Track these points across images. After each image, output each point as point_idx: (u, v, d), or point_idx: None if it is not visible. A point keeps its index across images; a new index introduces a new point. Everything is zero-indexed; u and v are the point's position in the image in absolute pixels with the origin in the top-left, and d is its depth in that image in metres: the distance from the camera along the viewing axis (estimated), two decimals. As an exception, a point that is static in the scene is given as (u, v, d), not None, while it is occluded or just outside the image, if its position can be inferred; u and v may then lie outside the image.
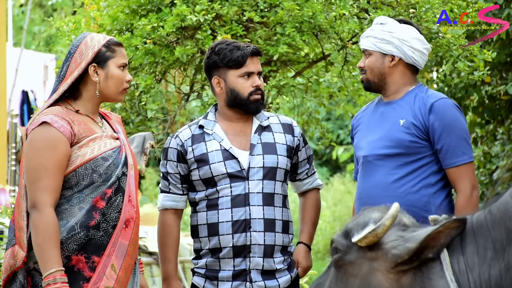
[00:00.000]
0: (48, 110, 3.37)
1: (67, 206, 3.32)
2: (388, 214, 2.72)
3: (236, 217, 3.65)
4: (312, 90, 5.58)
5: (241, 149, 3.72)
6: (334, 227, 11.73)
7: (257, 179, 3.68)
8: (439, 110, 3.72)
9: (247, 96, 3.71)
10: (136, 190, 3.48)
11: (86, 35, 3.47)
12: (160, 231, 3.79)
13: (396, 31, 3.80)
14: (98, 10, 5.43)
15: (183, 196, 3.78)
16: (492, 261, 2.69)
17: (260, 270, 3.66)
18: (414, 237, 2.71)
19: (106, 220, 3.35)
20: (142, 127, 5.62)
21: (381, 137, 3.79)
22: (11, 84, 9.82)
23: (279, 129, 3.81)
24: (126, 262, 3.37)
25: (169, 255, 3.76)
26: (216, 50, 3.72)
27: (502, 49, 6.50)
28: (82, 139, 3.36)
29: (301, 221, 3.92)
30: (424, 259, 2.70)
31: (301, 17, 4.87)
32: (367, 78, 3.86)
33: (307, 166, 3.90)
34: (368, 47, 3.83)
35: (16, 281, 3.34)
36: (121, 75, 3.45)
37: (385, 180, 3.74)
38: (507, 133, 7.66)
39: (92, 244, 3.32)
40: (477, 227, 2.73)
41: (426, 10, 4.89)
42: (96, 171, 3.35)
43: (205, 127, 3.76)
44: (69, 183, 3.34)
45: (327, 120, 16.20)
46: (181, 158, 3.74)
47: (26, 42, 13.80)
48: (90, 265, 3.31)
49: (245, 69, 3.71)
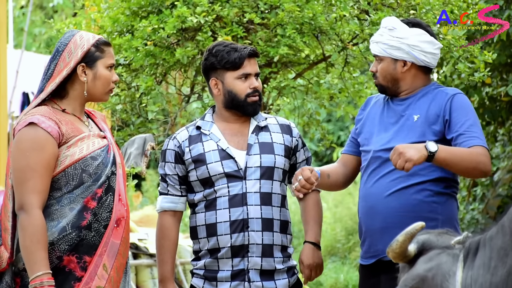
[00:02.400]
0: (35, 110, 3.33)
1: (58, 207, 3.30)
2: (403, 231, 2.80)
3: (234, 217, 3.65)
4: (313, 91, 5.58)
5: (238, 149, 3.72)
6: (334, 228, 11.72)
7: (254, 178, 3.68)
8: (459, 102, 3.69)
9: (244, 97, 3.71)
10: (125, 188, 3.46)
11: (74, 33, 3.42)
12: (158, 233, 3.79)
13: (405, 36, 3.76)
14: (98, 11, 5.44)
15: (182, 197, 3.78)
16: (495, 269, 2.68)
17: (258, 270, 3.66)
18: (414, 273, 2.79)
19: (98, 220, 3.32)
20: (143, 128, 5.62)
21: (394, 133, 3.77)
22: (12, 86, 9.81)
23: (277, 129, 3.80)
24: (118, 261, 3.35)
25: (166, 257, 3.76)
26: (214, 52, 3.73)
27: (503, 50, 6.50)
28: (70, 139, 3.33)
29: (304, 222, 3.89)
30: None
31: (301, 18, 4.87)
32: (380, 83, 3.83)
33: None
34: (379, 52, 3.80)
35: (3, 282, 3.30)
36: (109, 75, 3.42)
37: (390, 178, 3.73)
38: (507, 135, 7.66)
39: (84, 244, 3.30)
40: (488, 240, 2.74)
41: (426, 12, 4.89)
42: (86, 171, 3.32)
43: (202, 128, 3.76)
44: (58, 183, 3.31)
45: (327, 121, 16.19)
46: (178, 159, 3.74)
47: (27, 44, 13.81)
48: (81, 265, 3.29)
49: (242, 70, 3.70)
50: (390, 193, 3.71)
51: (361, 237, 3.87)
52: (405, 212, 3.68)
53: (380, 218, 3.72)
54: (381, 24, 3.86)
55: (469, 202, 7.99)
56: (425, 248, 2.86)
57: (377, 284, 3.77)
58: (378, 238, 3.72)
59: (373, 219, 3.75)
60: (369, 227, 3.79)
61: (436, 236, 2.90)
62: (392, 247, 2.82)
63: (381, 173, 3.76)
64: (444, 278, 2.74)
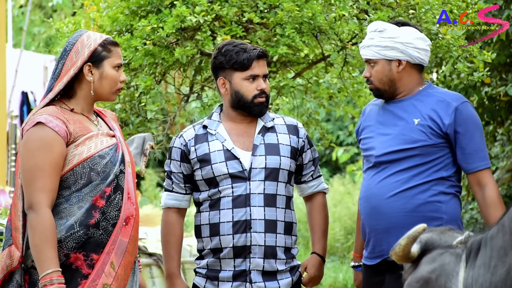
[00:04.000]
0: (43, 110, 3.35)
1: (66, 206, 3.32)
2: (406, 234, 2.80)
3: (237, 218, 3.66)
4: (312, 91, 5.58)
5: (244, 149, 3.72)
6: (334, 228, 11.71)
7: (259, 179, 3.68)
8: (464, 115, 3.71)
9: (251, 99, 3.71)
10: (135, 187, 3.48)
11: (82, 32, 3.44)
12: (164, 229, 3.81)
13: (398, 35, 3.77)
14: (97, 11, 5.43)
15: (186, 195, 3.79)
16: (495, 268, 2.69)
17: (260, 271, 3.67)
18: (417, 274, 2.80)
19: (106, 218, 3.34)
20: (142, 128, 5.62)
21: (394, 136, 3.77)
22: (11, 85, 9.80)
23: (284, 130, 3.80)
24: (126, 259, 3.37)
25: (172, 253, 3.78)
26: (223, 51, 3.73)
27: (502, 50, 6.49)
28: (78, 138, 3.35)
29: (311, 230, 3.92)
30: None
31: (300, 18, 4.87)
32: (376, 87, 3.82)
33: (312, 168, 3.89)
34: (372, 56, 3.79)
35: (13, 280, 3.34)
36: (116, 75, 3.43)
37: (394, 179, 3.73)
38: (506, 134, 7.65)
39: (92, 242, 3.32)
40: (489, 239, 2.74)
41: (425, 11, 4.89)
42: (94, 170, 3.34)
43: (208, 127, 3.77)
44: (67, 182, 3.33)
45: (327, 121, 16.18)
46: (184, 158, 3.75)
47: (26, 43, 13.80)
48: (88, 262, 3.31)
49: (250, 72, 3.70)
50: (393, 193, 3.72)
51: (365, 237, 3.88)
52: (409, 212, 3.68)
53: (384, 219, 3.73)
54: (368, 29, 3.86)
55: (468, 201, 7.98)
56: (428, 248, 2.86)
57: (381, 283, 3.78)
58: (383, 238, 3.73)
59: (377, 219, 3.75)
60: (373, 228, 3.79)
61: (438, 235, 2.90)
62: (395, 250, 2.82)
63: (384, 174, 3.76)
64: (448, 279, 2.74)
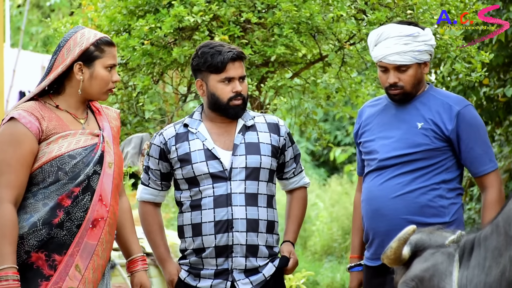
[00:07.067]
0: (21, 106, 3.32)
1: (32, 201, 3.28)
2: (396, 237, 2.81)
3: (219, 218, 3.66)
4: (310, 91, 5.58)
5: (224, 149, 3.72)
6: (331, 228, 11.71)
7: (240, 179, 3.68)
8: (467, 119, 3.70)
9: (226, 101, 3.69)
10: (115, 189, 3.41)
11: (78, 29, 3.38)
12: (143, 221, 3.85)
13: (429, 38, 3.76)
14: (95, 11, 5.43)
15: (162, 191, 3.85)
16: (489, 269, 2.69)
17: (242, 270, 3.68)
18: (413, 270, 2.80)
19: (71, 219, 3.29)
20: (140, 128, 5.62)
21: (397, 140, 3.76)
22: (9, 85, 9.80)
23: (264, 129, 3.79)
24: (94, 262, 3.31)
25: (157, 239, 3.83)
26: (199, 54, 3.72)
27: (500, 51, 6.49)
28: (50, 136, 3.30)
29: (287, 219, 3.93)
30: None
31: (298, 18, 4.87)
32: (406, 92, 3.74)
33: (293, 165, 3.89)
34: (409, 61, 3.71)
35: None
36: (107, 76, 3.37)
37: (397, 182, 3.72)
38: (504, 135, 7.65)
39: (54, 242, 3.27)
40: (483, 240, 2.74)
41: (423, 12, 4.89)
42: (62, 169, 3.29)
43: (189, 126, 3.76)
44: (35, 179, 3.30)
45: (324, 121, 16.17)
46: (162, 156, 3.76)
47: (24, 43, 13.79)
48: (50, 263, 3.26)
49: (224, 74, 3.68)
50: (396, 195, 3.71)
51: (367, 239, 3.88)
52: (411, 214, 3.69)
53: (386, 221, 3.73)
54: (393, 34, 3.74)
55: (466, 202, 7.99)
56: (419, 249, 2.86)
57: (382, 284, 3.78)
58: (385, 240, 3.72)
59: (380, 221, 3.75)
60: (376, 230, 3.79)
61: (428, 235, 2.90)
62: (387, 254, 2.83)
63: (386, 177, 3.76)
64: (441, 279, 2.74)
